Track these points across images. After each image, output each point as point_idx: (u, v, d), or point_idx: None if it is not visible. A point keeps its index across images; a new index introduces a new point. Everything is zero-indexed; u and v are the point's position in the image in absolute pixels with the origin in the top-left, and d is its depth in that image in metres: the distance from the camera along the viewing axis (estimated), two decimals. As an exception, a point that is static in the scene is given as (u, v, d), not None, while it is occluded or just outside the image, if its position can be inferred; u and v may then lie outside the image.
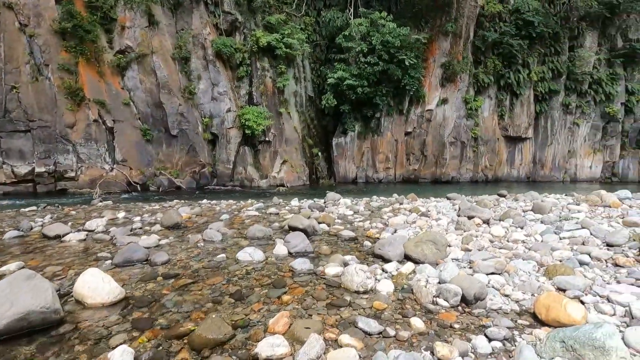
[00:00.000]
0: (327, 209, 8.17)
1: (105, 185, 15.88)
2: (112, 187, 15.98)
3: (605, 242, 4.44)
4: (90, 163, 15.91)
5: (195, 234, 5.33)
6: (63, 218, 7.39)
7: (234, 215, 7.45)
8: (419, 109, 21.10)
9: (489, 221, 6.09)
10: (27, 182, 15.00)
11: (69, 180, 15.57)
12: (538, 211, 6.93)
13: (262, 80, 18.96)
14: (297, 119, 20.51)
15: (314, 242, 4.98)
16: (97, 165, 16.02)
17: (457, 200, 10.01)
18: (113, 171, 16.29)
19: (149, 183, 17.09)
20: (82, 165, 15.79)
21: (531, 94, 21.64)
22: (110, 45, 16.53)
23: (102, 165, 16.10)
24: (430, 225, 5.98)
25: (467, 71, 20.81)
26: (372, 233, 5.52)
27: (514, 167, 22.59)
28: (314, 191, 17.85)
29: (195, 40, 17.86)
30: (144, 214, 7.87)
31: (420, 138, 21.52)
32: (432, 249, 4.14)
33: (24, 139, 14.85)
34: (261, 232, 5.27)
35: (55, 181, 15.44)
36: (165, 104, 17.29)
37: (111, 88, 16.38)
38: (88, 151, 15.82)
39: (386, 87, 19.87)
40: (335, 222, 6.50)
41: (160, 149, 17.75)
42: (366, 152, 21.56)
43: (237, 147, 18.73)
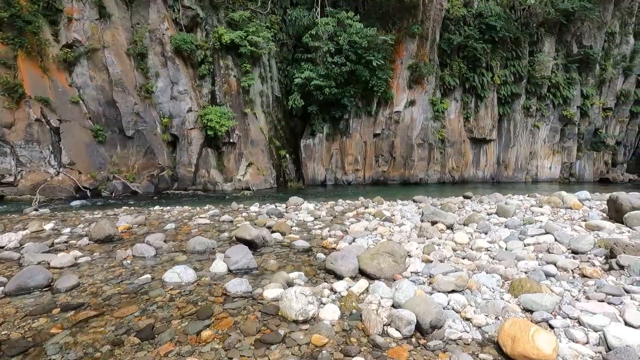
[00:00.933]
0: (286, 214, 7.62)
1: (50, 191, 14.52)
2: (58, 192, 14.64)
3: (570, 248, 4.18)
4: (32, 167, 14.47)
5: (124, 249, 4.62)
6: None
7: (182, 224, 6.75)
8: (387, 110, 21.01)
9: (453, 226, 5.78)
10: (-44, 189, 13.40)
11: (7, 186, 14.08)
12: (502, 214, 6.71)
13: (225, 79, 18.13)
14: (264, 120, 19.81)
15: (261, 256, 4.42)
16: (41, 169, 14.60)
17: (423, 203, 9.78)
18: (59, 175, 14.91)
19: (101, 188, 15.82)
20: (22, 169, 14.33)
21: (495, 96, 22.14)
22: (56, 38, 15.16)
23: (45, 169, 14.69)
24: (391, 232, 5.58)
25: (433, 73, 20.96)
26: (329, 243, 5.04)
27: (479, 168, 23.02)
28: (281, 195, 17.24)
29: (152, 35, 16.78)
30: (80, 224, 6.98)
31: (389, 140, 21.44)
32: (389, 261, 3.70)
33: (-48, 140, 13.25)
34: (202, 245, 4.65)
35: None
36: (119, 103, 16.09)
37: (57, 85, 15.01)
38: (29, 154, 14.38)
39: (354, 88, 19.61)
40: (291, 231, 5.97)
41: (114, 151, 16.50)
42: (335, 153, 21.20)
43: (199, 149, 17.77)
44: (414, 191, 18.09)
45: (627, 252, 3.47)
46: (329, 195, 16.41)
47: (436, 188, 19.96)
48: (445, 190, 18.70)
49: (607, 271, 3.48)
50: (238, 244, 4.79)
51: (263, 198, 15.77)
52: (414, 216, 7.20)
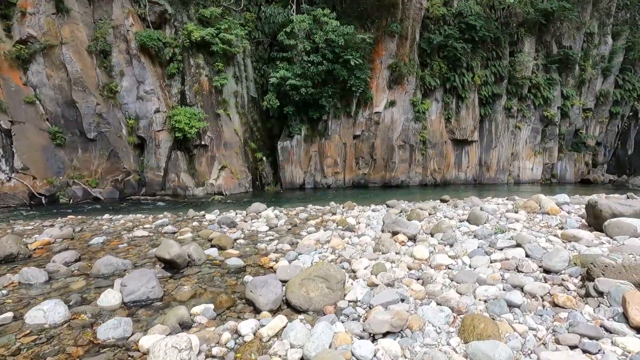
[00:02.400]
0: (240, 224, 6.85)
1: (0, 198, 13.41)
2: (9, 199, 13.54)
3: (542, 266, 3.54)
4: (-20, 172, 13.34)
5: (13, 274, 3.79)
6: None
7: (115, 238, 5.91)
8: (367, 111, 20.43)
9: (416, 238, 5.11)
10: None
11: (-50, 193, 12.92)
12: (474, 221, 6.09)
13: (196, 78, 17.26)
14: (238, 121, 18.99)
15: (177, 280, 3.65)
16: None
17: (395, 208, 9.15)
18: (11, 181, 13.81)
19: (59, 194, 14.76)
20: (-31, 174, 13.19)
21: (476, 97, 21.79)
22: (7, 33, 14.10)
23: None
24: (345, 246, 4.87)
25: (414, 73, 20.49)
26: (267, 260, 4.31)
27: (461, 170, 22.62)
28: (256, 199, 16.41)
29: (116, 32, 15.82)
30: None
31: (369, 141, 20.85)
32: (321, 288, 2.99)
33: None
34: (109, 268, 3.86)
35: None
36: (79, 103, 15.07)
37: (9, 84, 13.94)
38: (-23, 158, 13.26)
39: (332, 88, 18.96)
40: (234, 245, 5.22)
41: (74, 154, 15.45)
42: (314, 156, 20.50)
43: (168, 151, 16.83)
44: (396, 194, 17.52)
45: (606, 274, 2.84)
46: (306, 199, 15.70)
47: (417, 191, 19.44)
48: (426, 193, 18.17)
49: (583, 298, 2.84)
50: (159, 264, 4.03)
51: (235, 203, 14.94)
52: (380, 224, 6.54)
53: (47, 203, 14.08)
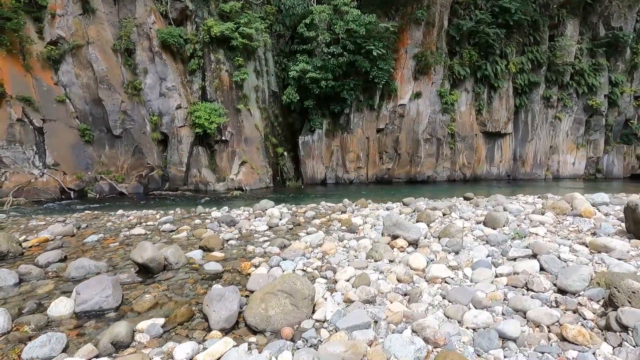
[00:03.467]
0: (241, 222, 6.61)
1: (34, 193, 14.15)
2: (42, 194, 14.25)
3: (556, 284, 2.95)
4: (16, 168, 14.14)
5: (-11, 275, 3.72)
6: None
7: (112, 236, 5.86)
8: (391, 103, 19.63)
9: (418, 242, 4.59)
10: (-61, 191, 13.20)
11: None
12: (491, 224, 5.46)
13: (216, 74, 17.30)
14: (259, 116, 18.89)
15: (146, 286, 3.42)
16: (24, 171, 14.25)
17: (411, 205, 8.56)
18: (43, 177, 14.53)
19: (87, 189, 15.37)
20: (5, 170, 14.01)
21: (510, 86, 20.32)
22: (40, 35, 14.76)
23: (30, 170, 14.34)
24: (336, 252, 4.45)
25: (441, 63, 19.40)
26: (248, 266, 3.98)
27: (493, 164, 21.27)
28: (277, 195, 16.29)
29: (139, 30, 16.13)
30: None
31: (393, 135, 20.07)
32: (284, 305, 2.62)
33: None
34: (81, 271, 3.71)
35: (-27, 189, 13.65)
36: (105, 101, 15.56)
37: (41, 84, 14.61)
38: (12, 154, 14.05)
39: (354, 81, 18.38)
40: (223, 246, 4.96)
41: (102, 150, 16.02)
42: (335, 151, 20.05)
43: (190, 147, 17.05)
44: (419, 190, 16.72)
45: (633, 302, 2.24)
46: (326, 195, 15.32)
47: (445, 187, 18.48)
48: (453, 190, 17.21)
49: (602, 331, 2.26)
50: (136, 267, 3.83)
51: (253, 199, 14.85)
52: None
53: (76, 197, 14.69)
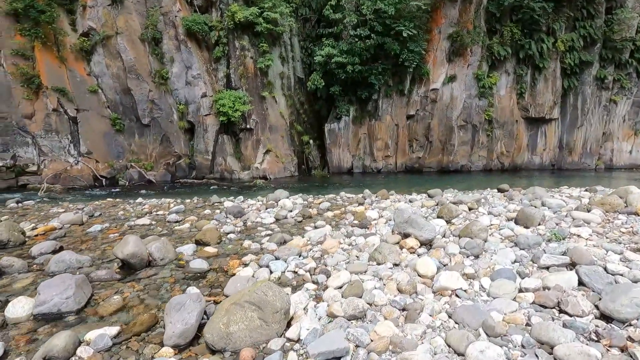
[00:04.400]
0: (250, 213, 6.30)
1: (70, 180, 14.82)
2: (77, 181, 14.89)
3: (599, 308, 2.31)
4: (54, 156, 14.82)
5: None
6: None
7: (118, 225, 5.76)
8: (423, 88, 18.51)
9: (432, 243, 4.00)
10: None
11: (31, 175, 14.58)
12: (523, 222, 4.74)
13: (241, 60, 17.07)
14: (284, 104, 18.54)
15: (122, 285, 3.16)
16: (61, 159, 14.92)
17: (436, 197, 7.87)
18: (78, 164, 15.15)
19: (118, 177, 15.86)
20: (44, 158, 14.74)
21: (557, 66, 18.43)
22: (73, 27, 15.19)
23: (65, 159, 14.99)
24: (337, 251, 3.98)
25: (479, 42, 17.92)
26: (236, 265, 3.62)
27: (535, 153, 19.59)
28: (301, 184, 15.99)
29: (166, 18, 16.18)
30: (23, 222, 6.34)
31: (425, 122, 18.98)
32: (251, 320, 2.22)
33: (-20, 132, 13.91)
34: (61, 265, 3.53)
35: (16, 176, 14.50)
36: (133, 91, 15.86)
37: (75, 74, 15.10)
38: (50, 143, 14.72)
39: (382, 64, 17.45)
40: (220, 240, 4.65)
41: (132, 139, 16.44)
42: (363, 138, 19.33)
43: (215, 135, 17.08)
44: (451, 181, 15.72)
45: None
46: (352, 185, 14.81)
47: (480, 177, 17.26)
48: (490, 180, 16.00)
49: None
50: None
51: (276, 188, 14.62)
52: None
53: (107, 185, 15.23)
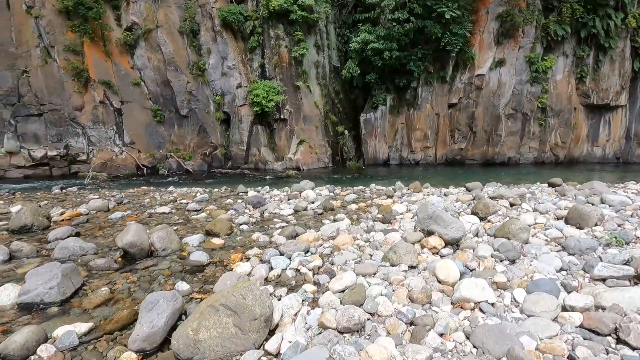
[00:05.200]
0: (269, 204, 6.07)
1: (115, 169, 15.64)
2: (121, 170, 15.68)
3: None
4: (101, 146, 15.72)
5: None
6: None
7: (138, 212, 5.78)
8: (467, 74, 17.22)
9: (460, 243, 3.48)
10: (44, 166, 15.30)
11: (81, 164, 15.59)
12: (575, 221, 4.04)
13: (275, 50, 16.91)
14: (319, 93, 18.17)
15: (118, 275, 3.03)
16: (107, 148, 15.78)
17: (474, 191, 7.16)
18: (122, 154, 15.95)
19: (159, 166, 16.50)
20: (93, 148, 15.67)
21: (627, 46, 16.26)
22: (118, 22, 15.84)
23: (112, 148, 15.84)
24: (351, 246, 3.59)
25: (533, 22, 16.26)
26: (236, 259, 3.37)
27: (597, 144, 17.57)
28: (334, 176, 15.64)
29: (203, 10, 16.39)
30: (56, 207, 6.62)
31: (468, 110, 17.70)
32: (226, 327, 1.93)
33: (38, 123, 15.05)
34: (65, 252, 3.48)
35: (68, 164, 15.58)
36: (172, 82, 16.31)
37: (120, 68, 15.81)
38: (97, 134, 15.61)
39: (422, 50, 16.46)
40: (232, 231, 4.45)
41: (172, 130, 16.99)
42: (400, 129, 18.48)
43: (250, 126, 17.16)
44: (496, 174, 14.52)
45: None
46: (388, 177, 14.18)
47: (530, 170, 15.80)
48: (541, 174, 14.59)
49: None
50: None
51: (310, 178, 14.37)
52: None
53: (148, 174, 15.88)
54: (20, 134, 14.95)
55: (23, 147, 15.02)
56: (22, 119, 14.90)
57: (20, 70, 14.59)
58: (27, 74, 14.65)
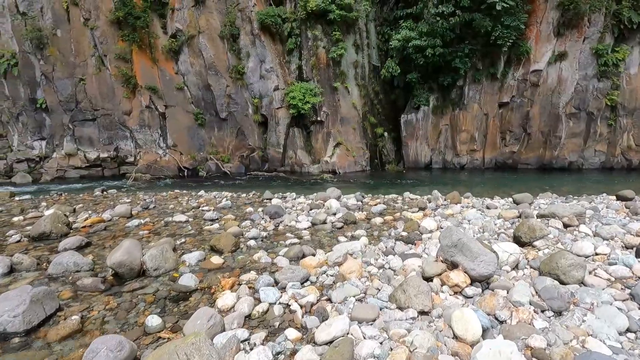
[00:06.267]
0: (287, 215, 5.72)
1: (159, 170, 16.33)
2: (165, 172, 16.33)
3: None
4: (147, 148, 16.51)
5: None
6: None
7: (156, 221, 5.72)
8: (521, 70, 15.68)
9: (490, 280, 2.84)
10: (97, 167, 16.42)
11: (129, 165, 16.49)
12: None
13: (313, 51, 16.64)
14: (357, 94, 17.61)
15: (108, 296, 2.83)
16: (152, 151, 16.54)
17: (523, 205, 6.28)
18: (166, 156, 16.61)
19: (199, 168, 16.97)
20: (140, 150, 16.51)
21: None
22: (164, 30, 16.55)
23: (156, 151, 16.57)
24: (358, 275, 3.10)
25: (601, 9, 14.36)
26: (227, 285, 3.03)
27: (682, 147, 15.11)
28: (371, 180, 15.03)
29: (242, 14, 16.58)
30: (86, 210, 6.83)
31: (522, 110, 16.12)
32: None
33: (92, 127, 16.17)
34: (59, 268, 3.38)
35: (118, 165, 16.56)
36: (213, 86, 16.69)
37: (165, 74, 16.49)
38: (143, 137, 16.41)
39: (470, 45, 15.26)
40: (237, 247, 4.15)
41: (212, 133, 17.41)
42: (444, 130, 17.33)
43: (286, 128, 17.07)
44: (556, 180, 12.96)
45: None
46: (429, 183, 13.27)
47: (595, 177, 13.95)
48: (611, 182, 12.86)
49: None
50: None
51: (345, 182, 13.93)
52: (474, 232, 4.30)
53: (189, 175, 16.39)
54: (77, 137, 16.17)
55: (79, 149, 16.22)
56: (79, 123, 16.10)
57: (77, 79, 15.77)
58: (84, 82, 15.80)
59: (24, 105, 15.99)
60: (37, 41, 15.21)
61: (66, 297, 2.91)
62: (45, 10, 15.31)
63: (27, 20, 15.18)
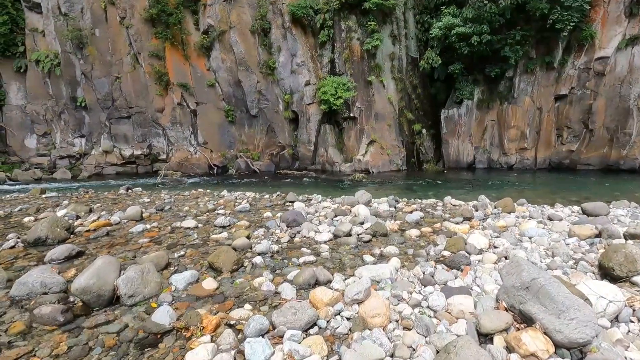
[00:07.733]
0: (305, 224, 4.96)
1: (189, 168, 16.26)
2: (195, 169, 16.23)
3: None
4: (178, 145, 16.50)
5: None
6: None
7: (162, 226, 5.20)
8: (583, 58, 13.81)
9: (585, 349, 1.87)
10: (132, 164, 16.66)
11: (162, 162, 16.56)
12: None
13: (346, 43, 15.75)
14: (393, 88, 16.48)
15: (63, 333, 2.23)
16: (184, 148, 16.50)
17: (599, 219, 5.07)
18: (197, 153, 16.51)
19: (229, 165, 16.72)
20: (172, 147, 16.54)
21: None
22: (196, 27, 16.41)
23: (187, 148, 16.51)
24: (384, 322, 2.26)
25: (687, -17, 12.19)
26: (209, 327, 2.32)
27: None
28: (407, 181, 13.91)
29: (274, 8, 16.03)
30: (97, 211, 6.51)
31: (583, 103, 14.23)
32: None
33: (127, 125, 16.40)
34: (23, 289, 2.86)
35: (151, 162, 16.70)
36: (243, 82, 16.33)
37: (196, 70, 16.36)
38: (175, 134, 16.40)
39: (522, 31, 13.65)
40: (240, 265, 3.48)
41: (242, 130, 17.09)
42: (489, 127, 15.78)
43: (317, 125, 16.35)
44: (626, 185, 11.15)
45: None
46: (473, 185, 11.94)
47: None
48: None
49: None
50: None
51: (378, 183, 12.94)
52: (544, 256, 3.31)
53: (219, 173, 16.17)
54: (113, 134, 16.48)
55: (115, 146, 16.53)
56: (115, 121, 16.39)
57: (114, 77, 16.03)
58: (119, 80, 16.03)
59: (66, 104, 16.54)
60: (77, 41, 15.62)
61: (15, 332, 2.34)
62: (85, 11, 15.67)
63: (68, 20, 15.62)
